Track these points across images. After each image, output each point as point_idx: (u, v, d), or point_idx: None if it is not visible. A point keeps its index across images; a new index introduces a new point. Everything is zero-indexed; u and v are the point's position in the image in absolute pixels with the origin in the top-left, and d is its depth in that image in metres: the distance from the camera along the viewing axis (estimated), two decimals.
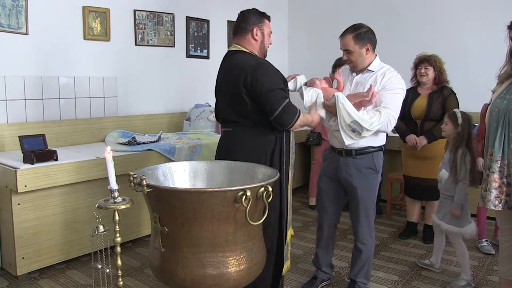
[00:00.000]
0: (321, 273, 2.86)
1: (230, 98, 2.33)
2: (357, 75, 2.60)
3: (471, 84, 4.30)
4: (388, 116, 2.42)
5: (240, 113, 2.31)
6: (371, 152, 2.56)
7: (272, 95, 2.21)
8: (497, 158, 2.18)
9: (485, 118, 2.31)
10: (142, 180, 1.58)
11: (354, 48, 2.49)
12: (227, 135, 2.41)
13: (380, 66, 2.58)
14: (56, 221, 3.03)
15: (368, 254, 2.69)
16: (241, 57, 2.34)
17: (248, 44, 2.39)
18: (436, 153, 3.50)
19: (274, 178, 1.75)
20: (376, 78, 2.52)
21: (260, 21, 2.40)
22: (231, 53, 2.43)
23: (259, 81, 2.21)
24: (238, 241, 1.69)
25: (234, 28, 2.47)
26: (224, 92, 2.38)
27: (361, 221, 2.63)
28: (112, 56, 4.08)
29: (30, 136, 3.03)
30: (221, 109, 2.43)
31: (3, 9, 3.32)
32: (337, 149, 2.61)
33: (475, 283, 2.93)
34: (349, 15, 5.39)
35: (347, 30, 2.53)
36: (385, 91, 2.47)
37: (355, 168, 2.56)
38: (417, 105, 3.55)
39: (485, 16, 4.54)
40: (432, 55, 3.55)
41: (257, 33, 2.38)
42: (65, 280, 2.95)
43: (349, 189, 2.63)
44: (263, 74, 2.23)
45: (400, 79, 2.54)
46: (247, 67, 2.25)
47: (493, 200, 2.19)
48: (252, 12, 2.42)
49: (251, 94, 2.24)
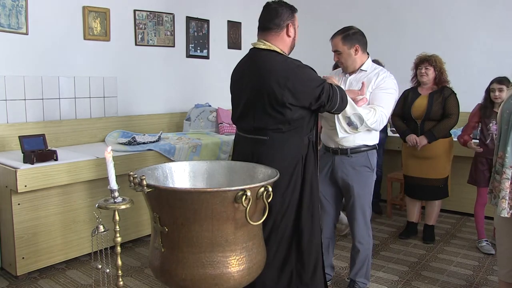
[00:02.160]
0: None
1: (267, 105, 2.11)
2: (350, 75, 2.64)
3: (471, 84, 4.29)
4: (381, 114, 2.44)
5: (280, 120, 2.12)
6: (366, 151, 2.59)
7: (325, 96, 2.12)
8: (511, 164, 2.14)
9: (497, 119, 2.29)
10: (142, 180, 1.58)
11: (342, 48, 2.55)
12: (262, 143, 2.17)
13: (373, 66, 2.63)
14: (56, 221, 3.03)
15: (366, 253, 2.70)
16: (274, 60, 2.14)
17: (280, 42, 2.19)
18: (436, 153, 3.50)
19: (274, 178, 1.75)
20: (370, 78, 2.56)
21: (292, 16, 2.20)
22: (258, 52, 2.20)
23: (305, 82, 2.09)
24: (238, 241, 1.69)
25: (263, 23, 2.22)
26: (257, 98, 2.15)
27: (358, 220, 2.65)
28: (112, 56, 4.08)
29: (30, 136, 3.02)
30: (254, 116, 2.19)
31: (3, 9, 3.32)
32: (332, 149, 2.62)
33: (475, 283, 2.93)
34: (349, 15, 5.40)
35: (336, 32, 2.59)
36: (379, 90, 2.51)
37: (351, 166, 2.58)
38: (417, 105, 3.55)
39: (486, 16, 4.54)
40: (432, 55, 3.55)
41: (291, 29, 2.19)
42: (65, 280, 2.95)
43: (345, 188, 2.65)
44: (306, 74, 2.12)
45: (393, 79, 2.57)
46: (289, 74, 2.08)
47: (507, 208, 2.15)
48: (284, 6, 2.19)
49: (297, 98, 2.08)
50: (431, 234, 3.68)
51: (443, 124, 3.45)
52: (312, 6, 5.83)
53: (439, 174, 3.55)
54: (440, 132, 3.46)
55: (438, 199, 3.64)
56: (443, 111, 3.46)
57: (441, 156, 3.52)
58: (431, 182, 3.55)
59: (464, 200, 4.17)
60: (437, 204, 3.66)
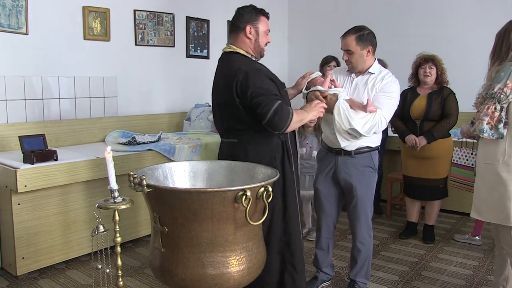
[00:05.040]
0: (321, 273, 2.87)
1: (228, 108, 2.21)
2: (357, 76, 2.60)
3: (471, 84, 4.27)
4: (380, 117, 2.44)
5: (242, 120, 2.18)
6: (369, 151, 2.59)
7: (262, 98, 2.08)
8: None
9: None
10: (142, 180, 1.58)
11: (355, 49, 2.50)
12: (233, 146, 2.26)
13: (380, 69, 2.60)
14: (56, 221, 3.03)
15: (367, 254, 2.69)
16: (234, 62, 2.21)
17: (242, 43, 2.26)
18: (436, 153, 3.50)
19: (274, 178, 1.75)
20: (375, 81, 2.54)
21: (255, 19, 2.25)
22: (225, 55, 2.30)
23: (250, 87, 2.09)
24: (238, 241, 1.69)
25: (229, 26, 2.36)
26: (221, 102, 2.26)
27: (360, 220, 2.64)
28: (112, 56, 4.08)
29: (30, 136, 3.02)
30: (222, 119, 2.29)
31: (3, 9, 3.32)
32: (335, 149, 2.61)
33: (475, 283, 2.93)
34: (349, 15, 5.40)
35: (349, 30, 2.53)
36: (382, 94, 2.50)
37: (354, 167, 2.58)
38: (416, 105, 3.55)
39: (486, 16, 4.54)
40: (435, 55, 3.54)
41: (250, 31, 2.24)
42: (65, 280, 2.95)
43: (347, 189, 2.64)
44: (254, 79, 2.12)
45: (397, 84, 2.57)
46: (238, 74, 2.13)
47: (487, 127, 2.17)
48: (247, 9, 2.27)
49: (242, 101, 2.13)
50: (431, 234, 3.68)
51: (442, 124, 3.45)
52: (312, 6, 5.83)
53: (439, 174, 3.55)
54: (439, 133, 3.46)
55: (438, 199, 3.64)
56: (442, 111, 3.45)
57: (440, 157, 3.52)
58: (430, 182, 3.55)
59: (464, 200, 4.16)
60: (437, 204, 3.66)
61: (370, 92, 2.52)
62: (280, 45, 5.94)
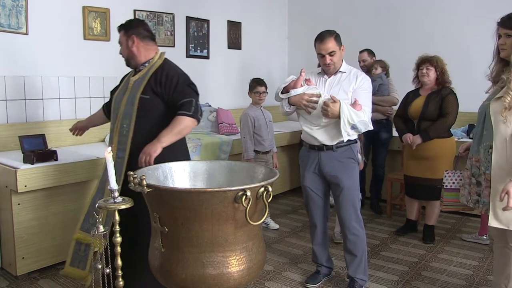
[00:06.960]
0: (323, 268, 2.94)
1: None
2: (329, 77, 2.71)
3: (472, 84, 4.29)
4: (369, 114, 2.63)
5: None
6: (349, 144, 2.70)
7: None
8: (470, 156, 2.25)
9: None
10: (142, 180, 1.58)
11: (336, 48, 2.62)
12: None
13: (349, 67, 2.73)
14: (56, 221, 3.03)
15: (362, 246, 2.73)
16: None
17: None
18: (436, 153, 3.51)
19: (274, 178, 1.75)
20: (350, 79, 2.67)
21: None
22: None
23: None
24: (238, 241, 1.69)
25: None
26: None
27: (349, 211, 2.71)
28: (112, 56, 4.06)
29: (30, 136, 3.03)
30: None
31: (3, 9, 3.32)
32: (317, 146, 2.70)
33: (475, 283, 2.93)
34: (349, 15, 5.40)
35: (325, 34, 2.63)
36: (361, 90, 2.65)
37: (337, 160, 2.68)
38: (414, 105, 3.58)
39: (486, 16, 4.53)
40: (434, 56, 3.55)
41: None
42: (65, 280, 2.95)
43: (333, 181, 2.71)
44: None
45: (369, 79, 2.73)
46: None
47: (467, 195, 2.26)
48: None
49: None
50: (431, 234, 3.68)
51: (438, 124, 3.47)
52: (312, 6, 5.83)
53: (439, 174, 3.53)
54: (435, 132, 3.47)
55: (438, 199, 3.63)
56: (439, 110, 3.47)
57: (441, 157, 3.52)
58: (430, 182, 3.55)
59: None
60: (437, 204, 3.65)
61: (347, 90, 2.64)
62: (280, 45, 5.94)
